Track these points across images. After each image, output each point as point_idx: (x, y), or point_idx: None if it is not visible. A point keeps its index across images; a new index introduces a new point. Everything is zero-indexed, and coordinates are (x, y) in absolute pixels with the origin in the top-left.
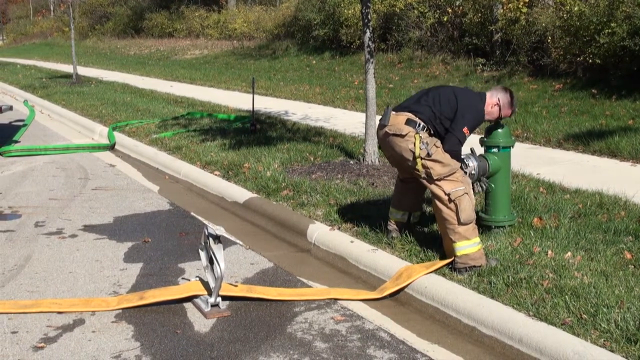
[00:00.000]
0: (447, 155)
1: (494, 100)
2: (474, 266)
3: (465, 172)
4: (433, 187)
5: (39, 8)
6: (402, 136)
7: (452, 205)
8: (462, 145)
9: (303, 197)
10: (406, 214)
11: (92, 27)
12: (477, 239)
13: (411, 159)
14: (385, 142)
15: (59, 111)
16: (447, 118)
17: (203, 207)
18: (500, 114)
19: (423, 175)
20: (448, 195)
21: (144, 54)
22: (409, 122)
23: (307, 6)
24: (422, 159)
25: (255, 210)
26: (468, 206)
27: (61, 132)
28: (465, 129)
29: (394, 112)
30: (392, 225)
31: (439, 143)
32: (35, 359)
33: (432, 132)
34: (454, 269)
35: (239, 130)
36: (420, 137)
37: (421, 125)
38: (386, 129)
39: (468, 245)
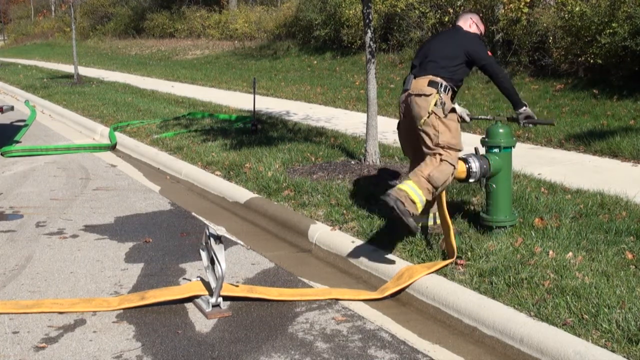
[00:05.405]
0: (458, 134)
1: (469, 22)
2: (409, 212)
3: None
4: (430, 152)
5: (40, 8)
6: (426, 95)
7: (436, 160)
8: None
9: (304, 198)
10: (426, 217)
11: (93, 28)
12: (425, 202)
13: (426, 117)
14: (408, 106)
15: (60, 111)
16: (454, 57)
17: (204, 207)
18: (479, 29)
19: (430, 135)
20: (440, 155)
21: (145, 54)
22: (431, 83)
23: (308, 6)
24: (435, 116)
25: (256, 211)
26: (446, 172)
27: (62, 132)
28: (489, 52)
29: (414, 79)
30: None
31: (455, 115)
32: (36, 359)
33: (455, 90)
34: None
35: (240, 130)
36: (440, 97)
37: (443, 85)
38: (409, 91)
39: (419, 195)
